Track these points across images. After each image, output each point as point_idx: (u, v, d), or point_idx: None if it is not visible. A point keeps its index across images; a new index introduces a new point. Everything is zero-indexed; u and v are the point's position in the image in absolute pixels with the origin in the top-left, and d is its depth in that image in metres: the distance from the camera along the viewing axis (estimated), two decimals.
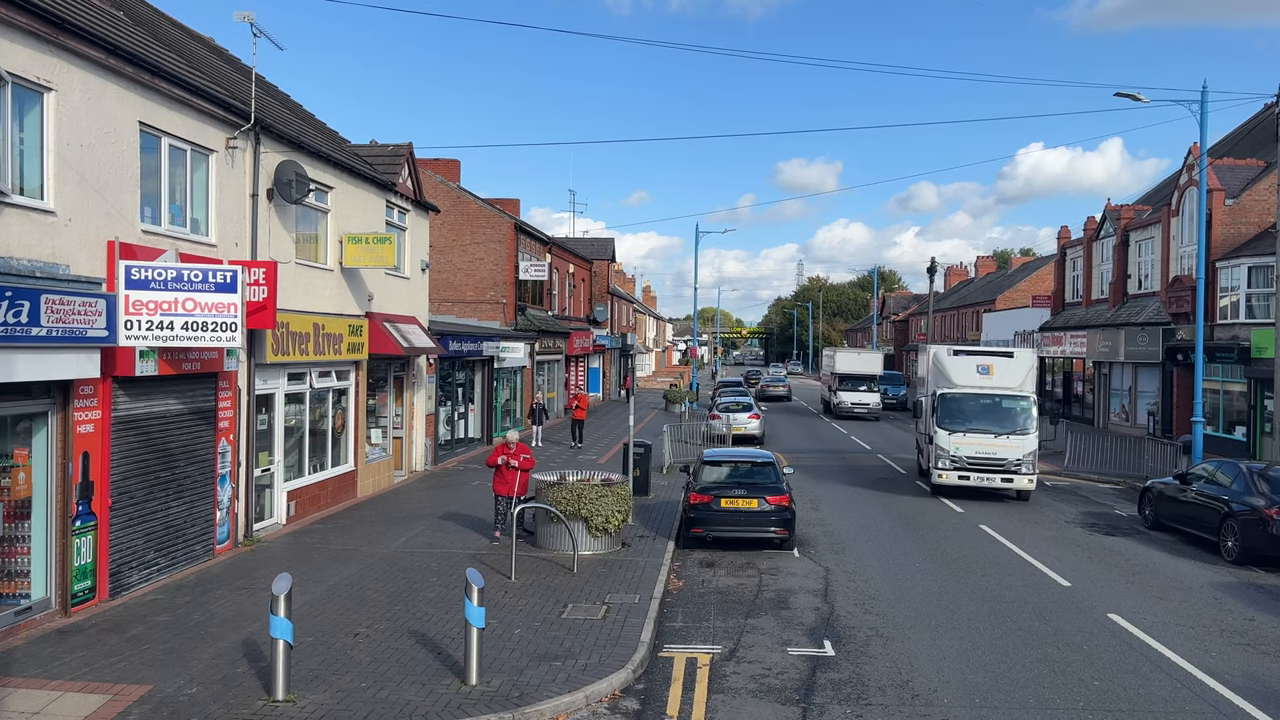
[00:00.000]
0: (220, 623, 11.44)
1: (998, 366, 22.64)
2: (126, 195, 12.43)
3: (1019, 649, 11.51)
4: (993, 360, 22.86)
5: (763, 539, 16.49)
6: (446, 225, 34.84)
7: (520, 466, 15.96)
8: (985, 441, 21.71)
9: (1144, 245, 36.53)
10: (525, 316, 36.50)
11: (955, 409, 22.15)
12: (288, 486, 17.45)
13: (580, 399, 32.11)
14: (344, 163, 19.19)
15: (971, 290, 73.17)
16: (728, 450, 20.76)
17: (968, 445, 21.76)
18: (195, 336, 12.31)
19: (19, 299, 10.09)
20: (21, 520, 11.14)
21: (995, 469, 21.68)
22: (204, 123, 14.25)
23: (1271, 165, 29.20)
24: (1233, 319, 29.13)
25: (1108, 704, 9.83)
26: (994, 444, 21.72)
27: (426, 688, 9.54)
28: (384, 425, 22.52)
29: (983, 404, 22.19)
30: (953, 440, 21.88)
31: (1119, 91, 22.87)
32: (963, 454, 21.76)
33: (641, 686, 10.16)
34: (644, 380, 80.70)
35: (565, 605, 12.51)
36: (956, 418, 22.07)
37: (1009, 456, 21.58)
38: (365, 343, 19.96)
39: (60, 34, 10.93)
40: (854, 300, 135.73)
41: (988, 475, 21.64)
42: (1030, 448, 21.66)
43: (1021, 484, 21.71)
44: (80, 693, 9.17)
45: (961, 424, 21.96)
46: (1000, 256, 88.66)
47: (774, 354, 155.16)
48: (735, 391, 41.92)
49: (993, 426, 21.85)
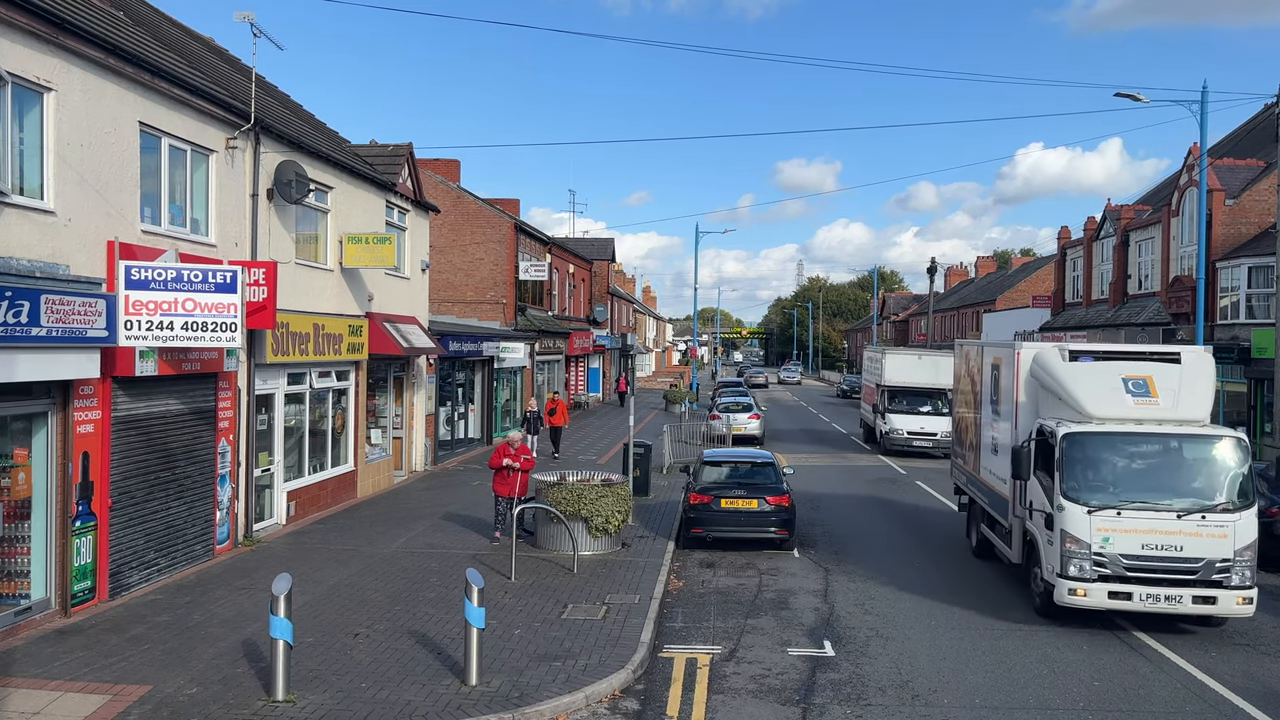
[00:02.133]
0: (220, 623, 11.44)
1: (1160, 379, 12.96)
2: (126, 195, 12.43)
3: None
4: (1150, 370, 13.04)
5: (763, 539, 16.49)
6: (446, 225, 34.83)
7: (521, 468, 15.95)
8: (1159, 524, 11.94)
9: (1144, 245, 36.53)
10: (525, 317, 36.50)
11: (1097, 464, 12.33)
12: (288, 487, 17.45)
13: (557, 403, 29.15)
14: (344, 163, 19.19)
15: (972, 290, 73.18)
16: (728, 450, 20.77)
17: (1127, 533, 11.93)
18: (195, 337, 12.31)
19: (19, 299, 10.09)
20: (21, 520, 11.14)
21: (1180, 576, 11.88)
22: (204, 123, 14.25)
23: (1271, 165, 29.18)
24: (1233, 319, 29.13)
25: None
26: (1175, 531, 11.93)
27: (426, 688, 9.54)
28: (384, 425, 22.52)
29: (1148, 453, 12.49)
30: (1097, 525, 11.97)
31: (1119, 92, 22.88)
32: (1117, 551, 11.91)
33: (641, 687, 10.16)
34: (644, 380, 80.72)
35: (565, 605, 12.51)
36: (1103, 481, 12.24)
37: (1205, 555, 11.84)
38: (365, 343, 19.96)
39: (60, 34, 10.93)
40: (854, 300, 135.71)
41: (1168, 592, 11.85)
42: (1246, 537, 11.92)
43: (1230, 606, 11.83)
44: (80, 693, 9.17)
45: (1114, 493, 12.14)
46: (1000, 257, 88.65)
47: (774, 354, 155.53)
48: (735, 392, 41.91)
49: (1170, 497, 12.12)
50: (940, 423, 29.91)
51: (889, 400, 31.96)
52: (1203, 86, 23.44)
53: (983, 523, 16.25)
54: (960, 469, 18.22)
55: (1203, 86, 23.44)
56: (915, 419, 31.06)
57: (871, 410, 34.14)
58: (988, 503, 15.68)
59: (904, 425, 30.95)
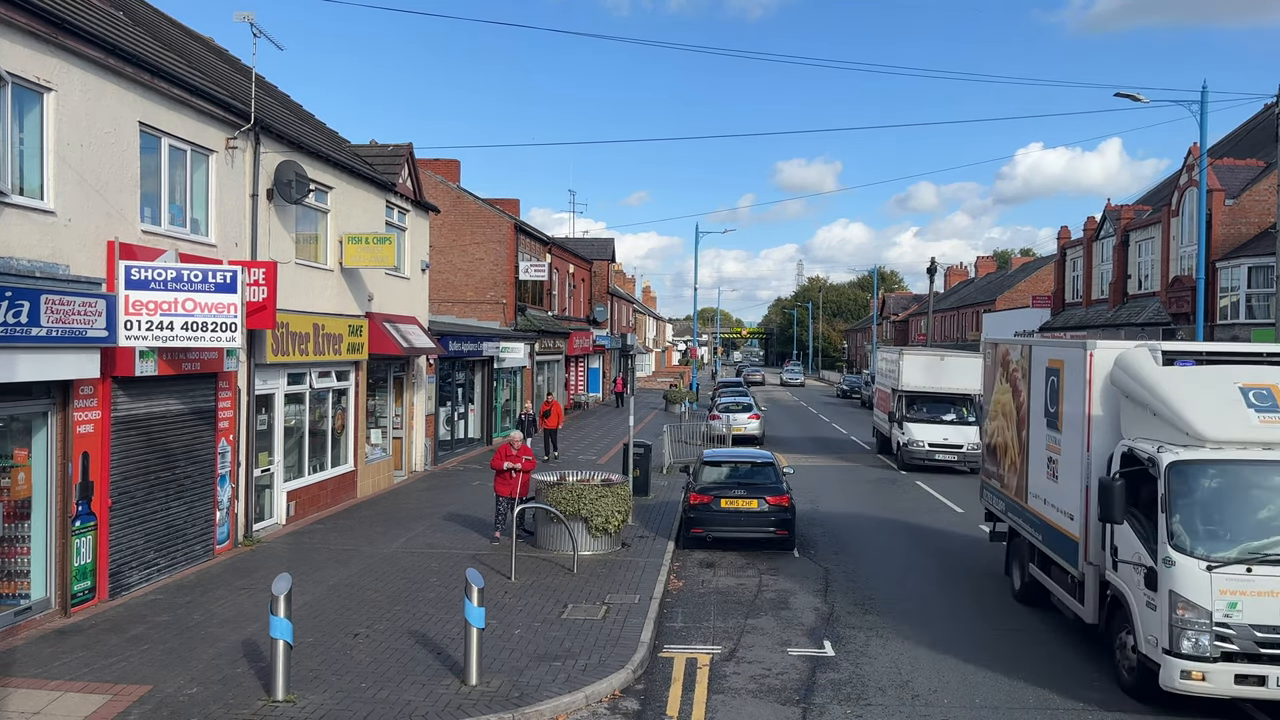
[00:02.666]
0: (220, 623, 11.44)
1: None
2: (126, 195, 12.43)
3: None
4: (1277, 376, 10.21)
5: (763, 539, 16.49)
6: (446, 225, 34.84)
7: (523, 469, 15.95)
8: None
9: (1144, 245, 36.55)
10: (525, 317, 36.50)
11: (1219, 503, 9.63)
12: (287, 487, 17.45)
13: (551, 405, 27.70)
14: (344, 163, 19.19)
15: (972, 290, 73.20)
16: (728, 450, 20.77)
17: (1262, 597, 9.07)
18: (195, 337, 12.31)
19: (19, 299, 10.09)
20: (21, 520, 11.14)
21: None
22: (204, 123, 14.25)
23: (1271, 165, 29.20)
24: (1233, 319, 29.15)
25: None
26: None
27: (426, 688, 9.54)
28: (384, 425, 22.52)
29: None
30: (1221, 586, 9.08)
31: (1119, 92, 22.90)
32: (1248, 620, 9.05)
33: (641, 687, 10.16)
34: (644, 380, 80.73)
35: (565, 605, 12.51)
36: (1226, 526, 9.48)
37: None
38: (365, 343, 19.96)
39: (60, 34, 10.93)
40: (854, 300, 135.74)
41: None
42: None
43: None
44: (80, 693, 9.17)
45: (1241, 543, 9.29)
46: (1000, 257, 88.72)
47: (774, 354, 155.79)
48: (735, 391, 41.90)
49: None
50: (967, 433, 26.82)
51: (907, 407, 28.19)
52: (1202, 87, 23.45)
53: (1032, 562, 13.16)
54: (996, 493, 14.95)
55: (1202, 87, 23.45)
56: (938, 429, 27.45)
57: (887, 419, 30.24)
58: (1042, 540, 12.50)
59: (924, 436, 27.23)
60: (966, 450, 26.43)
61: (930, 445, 27.04)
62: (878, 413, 32.92)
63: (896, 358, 29.53)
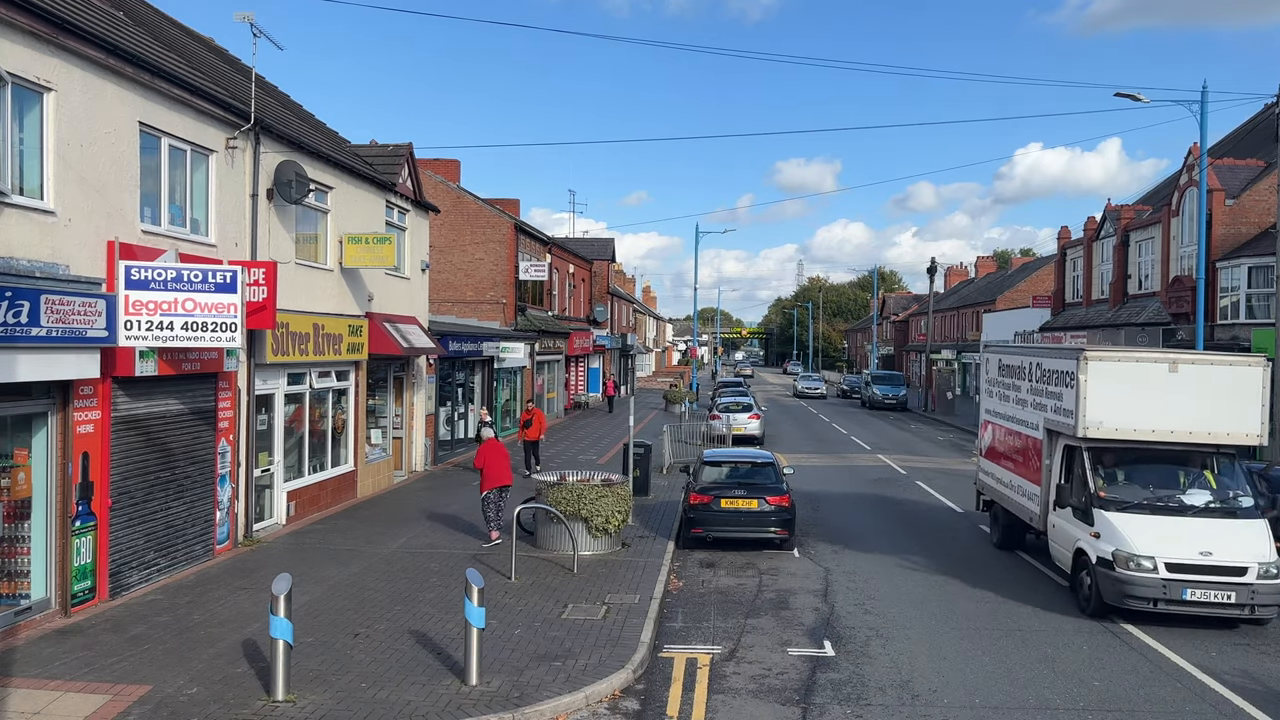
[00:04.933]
0: (220, 623, 11.44)
1: None
2: (126, 195, 12.43)
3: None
4: None
5: (763, 539, 16.49)
6: (446, 225, 34.84)
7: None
8: None
9: (1144, 245, 36.52)
10: (525, 317, 36.50)
11: None
12: (288, 487, 17.45)
13: (533, 414, 24.56)
14: (344, 163, 19.19)
15: (972, 290, 73.13)
16: (728, 450, 20.77)
17: None
18: (195, 337, 12.31)
19: (19, 299, 10.09)
20: (21, 520, 11.14)
21: None
22: (204, 123, 14.25)
23: (1271, 165, 29.18)
24: (1233, 319, 29.13)
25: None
26: None
27: (426, 688, 9.53)
28: (384, 425, 22.52)
29: None
30: None
31: (1119, 92, 22.88)
32: None
33: (641, 687, 10.16)
34: (644, 380, 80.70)
35: (565, 605, 12.51)
36: None
37: None
38: (365, 343, 19.96)
39: (60, 34, 10.93)
40: (854, 300, 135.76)
41: None
42: None
43: None
44: (80, 693, 9.17)
45: None
46: (1000, 257, 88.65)
47: (774, 354, 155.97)
48: (735, 392, 41.91)
49: None
50: (1249, 536, 12.48)
51: (1104, 476, 13.53)
52: (1202, 87, 23.44)
53: None
54: None
55: (1202, 87, 23.44)
56: (1189, 529, 12.58)
57: (1036, 493, 15.20)
58: None
59: (1167, 550, 12.27)
60: (1258, 579, 12.07)
61: (1185, 570, 12.17)
62: (996, 470, 17.66)
63: (1074, 366, 13.62)
